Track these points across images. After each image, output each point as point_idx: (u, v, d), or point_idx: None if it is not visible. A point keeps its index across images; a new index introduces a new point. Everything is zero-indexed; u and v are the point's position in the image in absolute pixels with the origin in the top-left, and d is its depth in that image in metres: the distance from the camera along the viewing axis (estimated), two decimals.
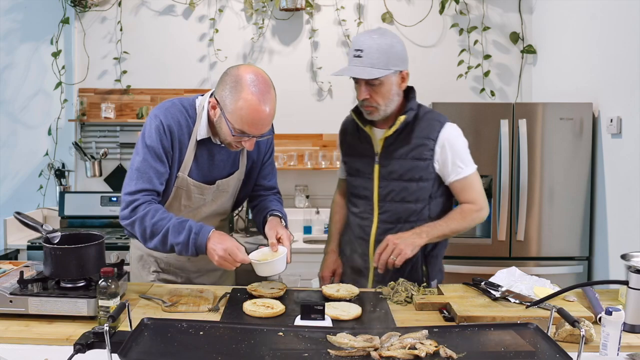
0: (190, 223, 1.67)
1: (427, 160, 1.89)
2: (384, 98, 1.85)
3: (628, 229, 2.68)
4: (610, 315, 1.29)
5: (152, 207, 1.70)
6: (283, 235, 1.78)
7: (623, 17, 2.71)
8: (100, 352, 1.19)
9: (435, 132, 1.88)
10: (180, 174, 1.79)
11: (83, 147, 3.82)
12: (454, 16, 3.85)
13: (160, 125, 1.73)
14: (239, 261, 1.63)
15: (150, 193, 1.72)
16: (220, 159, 1.84)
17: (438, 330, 1.36)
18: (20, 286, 1.53)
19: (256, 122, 1.66)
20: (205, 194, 1.85)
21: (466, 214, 1.91)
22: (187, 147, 1.77)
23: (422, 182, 1.90)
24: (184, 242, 1.65)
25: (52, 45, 3.81)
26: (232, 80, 1.66)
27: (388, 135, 1.91)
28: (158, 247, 1.70)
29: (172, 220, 1.67)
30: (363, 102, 1.86)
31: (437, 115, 1.93)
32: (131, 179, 1.73)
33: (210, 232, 1.66)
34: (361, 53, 1.80)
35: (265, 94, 1.65)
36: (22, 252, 3.30)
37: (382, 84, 1.82)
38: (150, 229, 1.68)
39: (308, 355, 1.22)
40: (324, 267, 2.14)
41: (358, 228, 2.01)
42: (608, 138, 2.89)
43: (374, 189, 1.95)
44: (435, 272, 2.01)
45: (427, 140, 1.88)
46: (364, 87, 1.83)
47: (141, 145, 1.74)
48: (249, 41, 3.88)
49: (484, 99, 3.83)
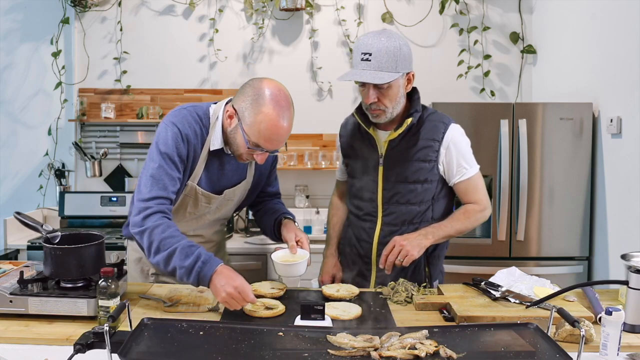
0: (200, 250, 1.58)
1: (432, 162, 1.88)
2: (391, 101, 1.83)
3: (628, 229, 2.68)
4: (610, 315, 1.29)
5: (165, 222, 1.63)
6: (302, 239, 1.79)
7: (623, 17, 2.71)
8: (100, 352, 1.19)
9: (440, 134, 1.88)
10: (190, 183, 1.77)
11: (83, 147, 3.82)
12: (454, 16, 3.85)
13: (179, 133, 1.70)
14: (249, 301, 1.54)
15: (164, 201, 1.67)
16: (230, 169, 1.83)
17: (438, 330, 1.37)
18: (20, 286, 1.53)
19: (273, 138, 1.65)
20: (212, 202, 1.84)
21: (470, 214, 1.90)
22: (199, 157, 1.76)
23: (426, 184, 1.89)
24: (189, 267, 1.55)
25: (52, 45, 3.81)
26: (253, 93, 1.65)
27: (393, 138, 1.89)
28: (160, 264, 1.61)
29: (182, 242, 1.58)
30: (370, 105, 1.83)
31: (441, 117, 1.92)
32: (145, 185, 1.67)
33: (219, 265, 1.56)
34: (370, 57, 1.76)
35: (285, 110, 1.64)
36: (22, 252, 3.30)
37: (390, 87, 1.80)
38: (157, 244, 1.59)
39: (308, 355, 1.22)
40: (323, 271, 2.13)
41: (360, 230, 2.00)
42: (608, 138, 2.89)
43: (378, 191, 1.93)
44: (437, 272, 2.01)
45: (432, 142, 1.87)
46: (372, 91, 1.80)
47: (156, 152, 1.70)
48: (249, 41, 3.88)
49: (484, 99, 3.83)
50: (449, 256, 3.04)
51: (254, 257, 3.26)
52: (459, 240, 3.09)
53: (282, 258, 1.75)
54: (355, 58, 1.81)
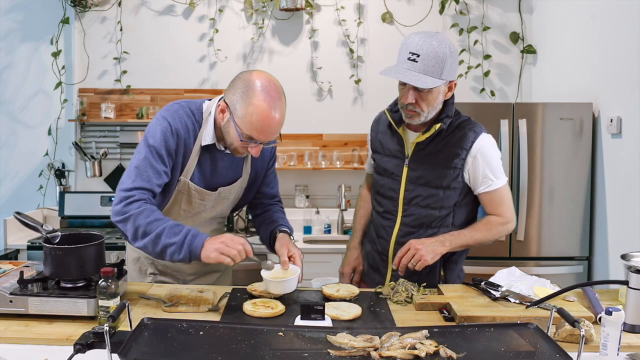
0: (188, 227, 1.60)
1: (457, 170, 1.85)
2: (429, 105, 1.78)
3: (628, 229, 2.68)
4: (610, 315, 1.29)
5: (148, 207, 1.63)
6: (295, 254, 1.78)
7: (623, 17, 2.71)
8: (100, 352, 1.19)
9: (468, 142, 1.83)
10: (182, 178, 1.77)
11: (83, 147, 3.82)
12: (454, 16, 3.85)
13: (168, 127, 1.70)
14: (241, 244, 1.57)
15: (146, 191, 1.67)
16: (223, 166, 1.83)
17: (438, 330, 1.36)
18: (20, 286, 1.53)
19: (265, 129, 1.64)
20: (206, 199, 1.84)
21: (492, 226, 1.88)
22: (191, 152, 1.76)
23: (449, 190, 1.86)
24: (179, 242, 1.56)
25: (52, 45, 3.81)
26: (243, 85, 1.65)
27: (420, 140, 1.86)
28: (147, 247, 1.60)
29: (169, 223, 1.60)
30: (407, 106, 1.79)
31: (473, 125, 1.87)
32: (129, 176, 1.68)
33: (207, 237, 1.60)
34: (417, 58, 1.71)
35: (276, 101, 1.64)
36: (22, 252, 3.30)
37: (431, 92, 1.75)
38: (143, 228, 1.59)
39: (308, 355, 1.22)
40: (345, 263, 2.12)
41: (380, 227, 2.00)
42: (608, 138, 2.89)
43: (400, 191, 1.91)
44: (453, 277, 1.98)
45: (460, 150, 1.83)
46: (411, 92, 1.76)
47: (143, 144, 1.71)
48: (249, 41, 3.88)
49: (484, 99, 3.83)
50: None
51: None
52: None
53: (272, 274, 1.72)
54: (402, 55, 1.75)
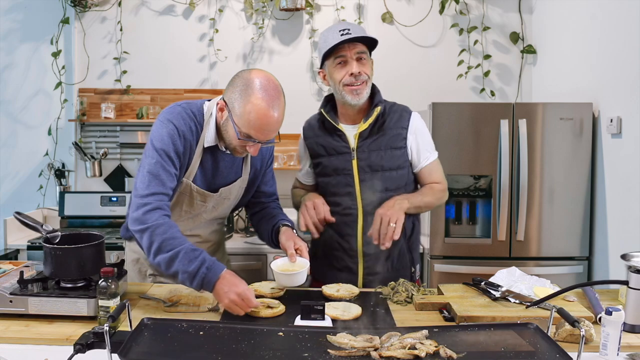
0: (204, 255, 1.56)
1: (403, 149, 1.98)
2: (370, 73, 1.95)
3: (628, 229, 2.68)
4: (610, 315, 1.29)
5: (167, 222, 1.61)
6: (302, 247, 1.78)
7: (623, 17, 2.71)
8: (100, 352, 1.19)
9: (406, 122, 1.99)
10: (185, 180, 1.77)
11: (83, 147, 3.82)
12: (454, 16, 3.85)
13: (175, 130, 1.70)
14: (252, 307, 1.54)
15: (162, 197, 1.66)
16: (224, 166, 1.83)
17: (438, 330, 1.37)
18: (20, 286, 1.53)
19: (263, 128, 1.63)
20: (207, 201, 1.83)
21: (435, 190, 2.02)
22: (194, 154, 1.75)
23: (400, 170, 1.99)
24: (192, 272, 1.53)
25: (52, 45, 3.81)
26: (242, 84, 1.65)
27: (363, 129, 1.96)
28: (161, 266, 1.59)
29: (185, 245, 1.57)
30: (354, 78, 1.91)
31: (402, 106, 2.05)
32: (142, 182, 1.66)
33: (223, 271, 1.56)
34: (349, 31, 1.89)
35: (274, 99, 1.63)
36: (22, 252, 3.30)
37: (368, 61, 1.95)
38: (158, 244, 1.57)
39: (308, 355, 1.22)
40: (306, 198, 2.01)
41: (343, 225, 1.99)
42: (608, 138, 2.89)
43: (355, 184, 1.98)
44: (416, 256, 2.10)
45: (401, 130, 1.98)
46: (354, 63, 1.91)
47: (152, 148, 1.69)
48: (249, 41, 3.88)
49: (484, 99, 3.83)
50: (449, 256, 3.09)
51: (254, 257, 3.26)
52: (459, 240, 3.10)
53: (281, 267, 1.73)
54: (334, 36, 1.90)
